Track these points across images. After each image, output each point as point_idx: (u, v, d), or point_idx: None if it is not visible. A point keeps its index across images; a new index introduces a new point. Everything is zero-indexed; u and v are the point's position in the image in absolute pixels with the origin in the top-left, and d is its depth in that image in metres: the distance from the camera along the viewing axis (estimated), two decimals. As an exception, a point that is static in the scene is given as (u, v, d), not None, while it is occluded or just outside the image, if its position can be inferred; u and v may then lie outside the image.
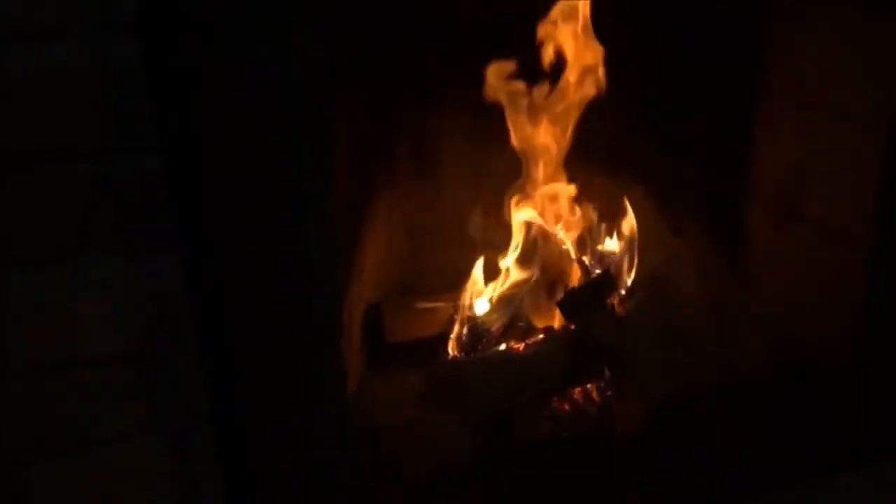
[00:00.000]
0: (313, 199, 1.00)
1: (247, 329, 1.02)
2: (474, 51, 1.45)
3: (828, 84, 1.37)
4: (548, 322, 1.56)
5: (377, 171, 1.56)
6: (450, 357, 1.54)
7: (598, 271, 1.59)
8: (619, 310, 1.57)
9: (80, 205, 0.94)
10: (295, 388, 1.05)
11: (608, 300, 1.57)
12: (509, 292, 1.56)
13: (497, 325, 1.54)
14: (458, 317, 1.57)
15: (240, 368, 1.03)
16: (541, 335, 1.54)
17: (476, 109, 1.50)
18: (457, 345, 1.55)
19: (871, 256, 1.33)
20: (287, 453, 1.08)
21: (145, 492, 1.08)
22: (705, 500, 1.32)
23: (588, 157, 1.56)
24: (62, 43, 0.89)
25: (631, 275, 1.61)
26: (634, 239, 1.61)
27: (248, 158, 0.96)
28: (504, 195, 1.57)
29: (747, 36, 1.47)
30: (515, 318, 1.54)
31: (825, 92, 1.38)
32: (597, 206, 1.61)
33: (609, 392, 1.49)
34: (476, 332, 1.54)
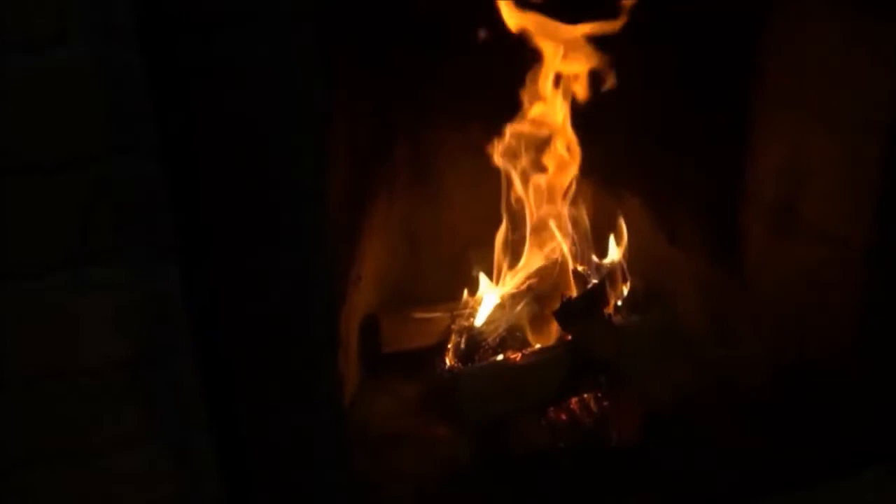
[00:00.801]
0: (312, 202, 1.00)
1: (244, 333, 1.02)
2: (474, 55, 1.46)
3: (825, 88, 1.37)
4: (544, 332, 1.56)
5: (375, 179, 1.56)
6: (447, 367, 1.54)
7: (594, 280, 1.59)
8: (615, 318, 1.58)
9: (79, 208, 0.94)
10: (292, 392, 1.05)
11: (604, 309, 1.58)
12: (506, 302, 1.56)
13: (494, 335, 1.53)
14: (456, 327, 1.57)
15: (237, 372, 1.03)
16: (537, 345, 1.54)
17: (475, 118, 1.51)
18: (454, 355, 1.54)
19: (869, 260, 1.34)
20: (285, 456, 1.08)
21: (145, 493, 1.07)
22: (704, 506, 1.32)
23: (585, 165, 1.57)
24: (61, 46, 0.89)
25: (627, 283, 1.62)
26: (630, 247, 1.61)
27: (247, 161, 0.96)
28: (502, 205, 1.58)
29: (744, 39, 1.48)
30: (512, 328, 1.54)
31: (822, 96, 1.39)
32: (593, 214, 1.61)
33: (606, 401, 1.49)
34: (473, 342, 1.53)
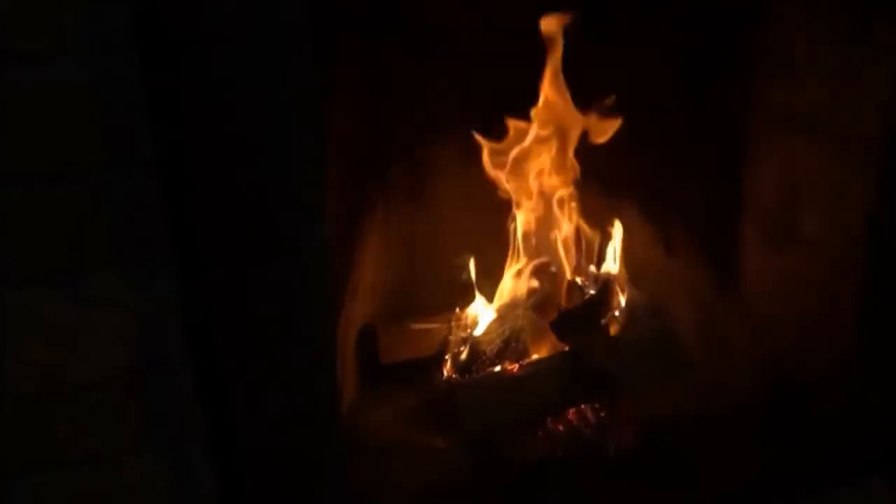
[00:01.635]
0: (308, 216, 1.00)
1: (241, 346, 1.02)
2: (471, 67, 1.47)
3: (819, 101, 1.38)
4: (542, 343, 1.56)
5: (373, 190, 1.57)
6: (444, 378, 1.54)
7: (591, 292, 1.59)
8: (613, 330, 1.58)
9: (75, 223, 0.95)
10: (289, 405, 1.05)
11: (602, 320, 1.58)
12: (504, 313, 1.56)
13: (492, 346, 1.53)
14: (453, 338, 1.57)
15: (234, 385, 1.03)
16: (535, 356, 1.54)
17: (471, 129, 1.51)
18: (451, 366, 1.54)
19: (864, 276, 1.34)
20: (281, 468, 1.08)
21: (142, 505, 1.07)
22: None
23: (582, 176, 1.57)
24: (57, 62, 0.89)
25: (625, 295, 1.62)
26: (627, 259, 1.62)
27: (242, 176, 0.96)
28: (499, 216, 1.58)
29: (741, 54, 1.49)
30: (510, 339, 1.54)
31: (817, 109, 1.39)
32: (591, 226, 1.62)
33: (603, 412, 1.49)
34: (471, 353, 1.53)
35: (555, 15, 1.41)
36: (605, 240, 1.63)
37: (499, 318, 1.57)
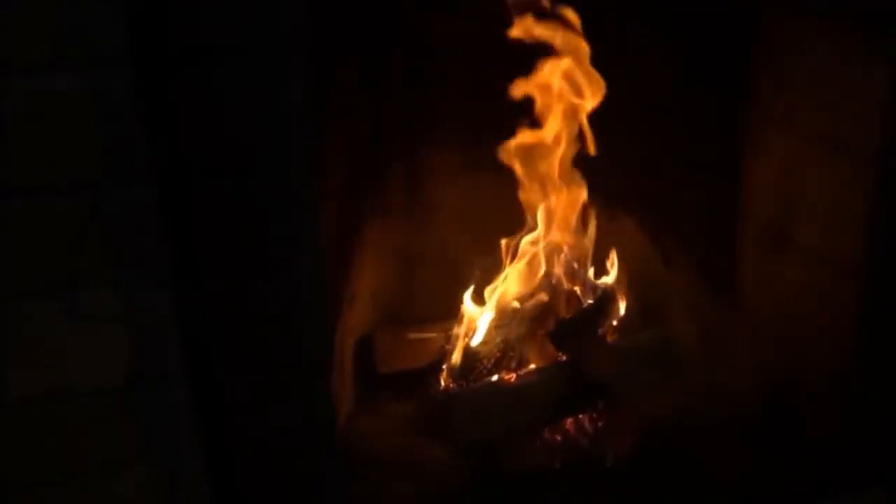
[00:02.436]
0: (304, 230, 1.00)
1: (237, 358, 1.02)
2: (468, 80, 1.47)
3: (816, 110, 1.38)
4: (539, 353, 1.56)
5: (371, 198, 1.57)
6: (441, 388, 1.54)
7: (589, 301, 1.59)
8: (610, 339, 1.58)
9: (71, 237, 0.94)
10: (285, 418, 1.05)
11: (600, 330, 1.57)
12: (501, 323, 1.56)
13: (489, 355, 1.53)
14: (450, 347, 1.56)
15: (230, 397, 1.03)
16: (532, 366, 1.54)
17: (468, 138, 1.51)
18: (448, 375, 1.54)
19: (863, 284, 1.34)
20: (278, 481, 1.07)
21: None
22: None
23: (581, 186, 1.57)
24: (53, 75, 0.89)
25: (622, 304, 1.62)
26: (626, 269, 1.61)
27: (239, 188, 0.96)
28: (496, 225, 1.57)
29: (737, 62, 1.49)
30: (507, 348, 1.54)
31: (813, 117, 1.39)
32: (589, 235, 1.61)
33: (601, 422, 1.48)
34: (467, 363, 1.53)
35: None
36: (603, 249, 1.62)
37: (496, 327, 1.56)
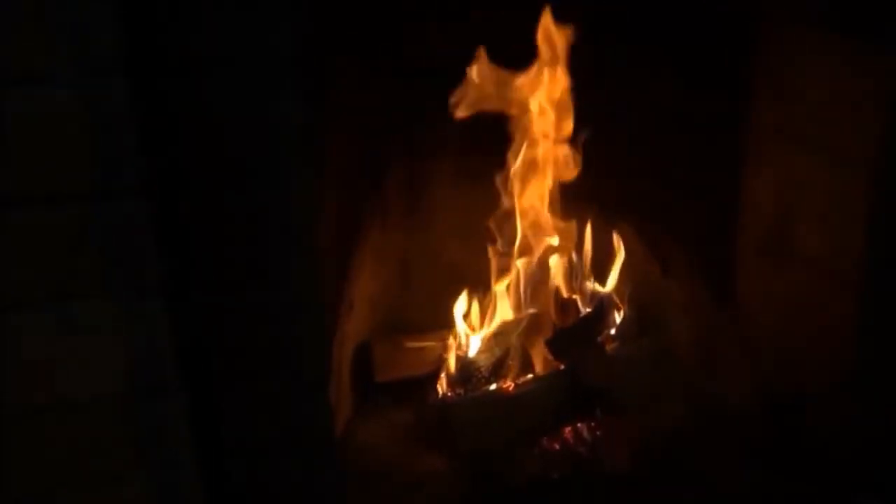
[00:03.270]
0: (300, 240, 0.99)
1: (233, 371, 1.02)
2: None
3: (815, 120, 1.38)
4: (538, 361, 1.55)
5: (368, 206, 1.57)
6: (439, 396, 1.53)
7: (587, 309, 1.59)
8: (608, 348, 1.57)
9: (65, 249, 0.94)
10: (283, 432, 1.05)
11: (598, 338, 1.57)
12: (499, 331, 1.56)
13: (487, 364, 1.53)
14: (448, 356, 1.56)
15: (226, 412, 1.03)
16: (530, 374, 1.54)
17: (466, 146, 1.51)
18: (446, 384, 1.54)
19: (862, 293, 1.33)
20: (276, 493, 1.07)
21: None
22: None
23: (578, 195, 1.57)
24: (47, 87, 0.89)
25: (621, 313, 1.62)
26: (624, 276, 1.61)
27: (234, 201, 0.96)
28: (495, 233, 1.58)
29: (736, 71, 1.49)
30: (505, 357, 1.54)
31: (812, 126, 1.39)
32: (587, 244, 1.61)
33: (599, 430, 1.48)
34: (466, 372, 1.53)
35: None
36: (602, 257, 1.62)
37: (494, 335, 1.56)
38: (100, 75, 0.90)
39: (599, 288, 1.63)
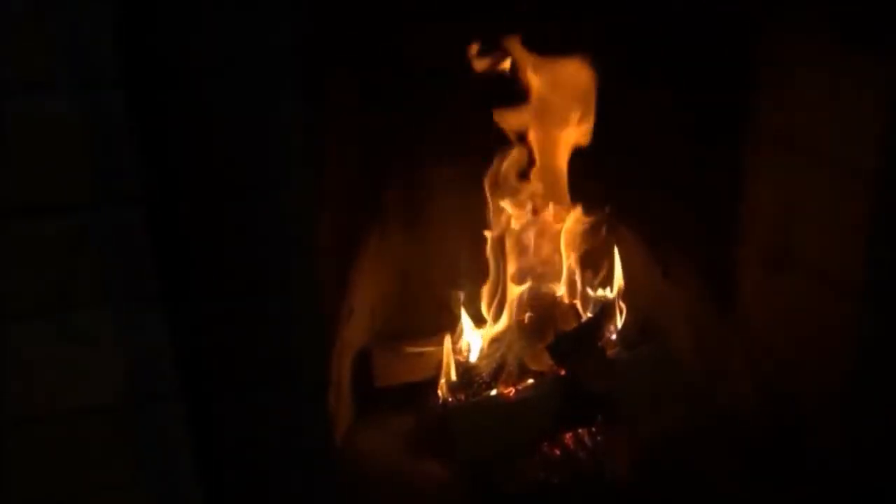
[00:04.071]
0: (299, 248, 0.99)
1: (230, 381, 1.02)
2: (465, 96, 1.47)
3: (816, 128, 1.38)
4: (538, 366, 1.55)
5: (368, 214, 1.57)
6: (439, 402, 1.53)
7: (588, 315, 1.58)
8: (609, 354, 1.57)
9: (65, 258, 0.94)
10: (281, 442, 1.05)
11: (599, 343, 1.57)
12: (499, 337, 1.56)
13: (487, 369, 1.53)
14: (448, 361, 1.56)
15: (223, 421, 1.03)
16: (531, 380, 1.54)
17: (465, 154, 1.51)
18: (446, 390, 1.54)
19: (862, 303, 1.33)
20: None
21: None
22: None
23: (579, 201, 1.57)
24: (45, 96, 0.89)
25: (621, 318, 1.61)
26: (624, 283, 1.61)
27: (232, 210, 0.96)
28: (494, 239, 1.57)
29: (737, 79, 1.49)
30: (505, 362, 1.54)
31: (812, 136, 1.39)
32: (587, 249, 1.61)
33: (600, 436, 1.48)
34: (466, 377, 1.53)
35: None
36: (604, 264, 1.62)
37: (494, 341, 1.56)
38: (98, 82, 0.90)
39: (600, 293, 1.63)
